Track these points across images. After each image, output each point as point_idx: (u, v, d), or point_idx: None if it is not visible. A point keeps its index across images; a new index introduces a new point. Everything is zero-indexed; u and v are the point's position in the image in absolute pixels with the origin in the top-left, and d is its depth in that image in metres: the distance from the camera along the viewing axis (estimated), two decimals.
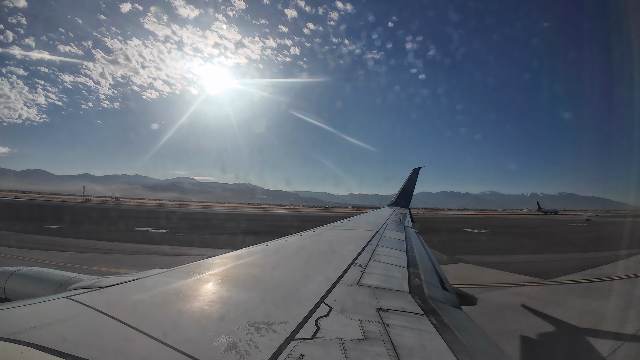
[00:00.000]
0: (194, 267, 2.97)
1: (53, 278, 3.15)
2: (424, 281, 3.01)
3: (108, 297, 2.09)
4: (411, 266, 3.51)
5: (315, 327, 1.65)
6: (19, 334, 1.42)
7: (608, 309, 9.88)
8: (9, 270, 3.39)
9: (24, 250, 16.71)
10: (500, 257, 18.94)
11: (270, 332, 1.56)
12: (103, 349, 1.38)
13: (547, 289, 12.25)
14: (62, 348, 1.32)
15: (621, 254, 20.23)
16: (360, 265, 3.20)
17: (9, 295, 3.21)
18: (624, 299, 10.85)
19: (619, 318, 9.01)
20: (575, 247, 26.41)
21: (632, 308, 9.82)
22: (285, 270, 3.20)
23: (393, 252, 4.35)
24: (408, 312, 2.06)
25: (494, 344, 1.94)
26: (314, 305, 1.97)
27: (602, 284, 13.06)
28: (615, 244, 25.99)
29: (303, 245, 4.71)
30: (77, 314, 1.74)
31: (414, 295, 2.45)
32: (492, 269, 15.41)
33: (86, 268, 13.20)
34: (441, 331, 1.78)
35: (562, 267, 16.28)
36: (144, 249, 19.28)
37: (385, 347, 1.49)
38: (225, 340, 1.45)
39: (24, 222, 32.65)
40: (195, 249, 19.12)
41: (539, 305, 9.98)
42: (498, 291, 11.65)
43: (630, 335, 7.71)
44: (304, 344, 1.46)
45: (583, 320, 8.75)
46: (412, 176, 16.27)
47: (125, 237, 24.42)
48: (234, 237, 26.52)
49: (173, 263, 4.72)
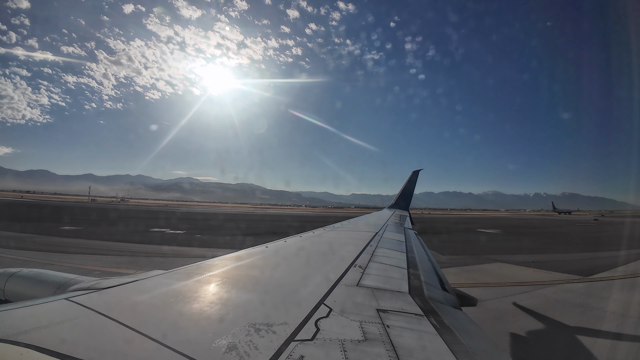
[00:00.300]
0: (193, 268, 2.97)
1: (52, 279, 3.15)
2: (424, 282, 3.01)
3: (108, 298, 2.09)
4: (411, 267, 3.52)
5: (315, 328, 1.65)
6: (18, 335, 1.42)
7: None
8: (8, 271, 3.38)
9: (51, 255, 15.65)
10: (528, 257, 18.49)
11: (270, 333, 1.56)
12: (103, 350, 1.38)
13: (592, 286, 12.43)
14: (61, 350, 1.32)
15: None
16: (360, 266, 3.20)
17: (8, 296, 3.21)
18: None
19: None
20: (597, 245, 26.35)
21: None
22: (285, 271, 3.19)
23: (393, 253, 4.35)
24: (408, 313, 2.06)
25: (494, 344, 1.94)
26: (314, 307, 1.98)
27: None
28: (633, 242, 26.05)
29: (303, 246, 4.70)
30: (77, 315, 1.74)
31: (413, 296, 2.46)
32: (531, 267, 15.33)
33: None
34: (441, 332, 1.78)
35: (596, 265, 16.26)
36: (176, 251, 18.73)
37: (385, 348, 1.49)
38: (225, 342, 1.45)
39: (37, 223, 31.87)
40: (223, 250, 18.68)
41: (595, 302, 10.24)
42: (550, 288, 11.87)
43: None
44: (303, 345, 1.46)
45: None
46: (412, 178, 16.30)
47: (147, 239, 23.85)
48: (258, 238, 25.60)
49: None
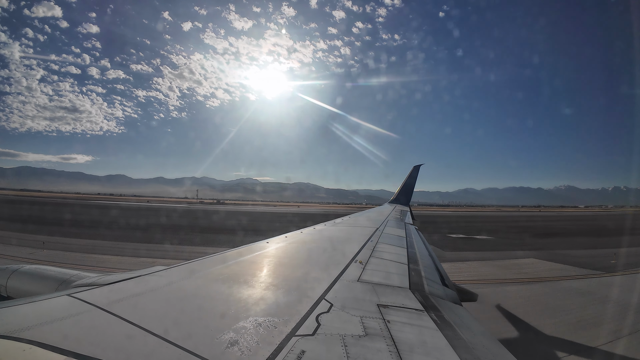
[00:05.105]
0: (195, 264, 2.98)
1: (54, 276, 3.16)
2: (424, 277, 3.02)
3: (110, 294, 2.10)
4: (411, 262, 3.53)
5: (316, 324, 1.66)
6: (21, 331, 1.43)
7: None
8: (10, 268, 3.40)
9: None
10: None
11: (271, 328, 1.57)
12: (105, 346, 1.39)
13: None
14: (64, 345, 1.32)
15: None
16: (360, 261, 3.21)
17: (10, 293, 3.22)
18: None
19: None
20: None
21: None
22: (285, 266, 3.21)
23: (393, 248, 4.36)
24: (408, 309, 2.07)
25: (494, 339, 1.95)
26: (315, 302, 1.99)
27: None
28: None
29: (304, 241, 4.72)
30: (79, 311, 1.75)
31: (414, 291, 2.47)
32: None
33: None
34: (441, 327, 1.79)
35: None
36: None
37: (386, 343, 1.50)
38: (227, 337, 1.46)
39: (207, 234, 28.12)
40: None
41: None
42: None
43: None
44: (305, 340, 1.46)
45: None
46: (413, 173, 16.28)
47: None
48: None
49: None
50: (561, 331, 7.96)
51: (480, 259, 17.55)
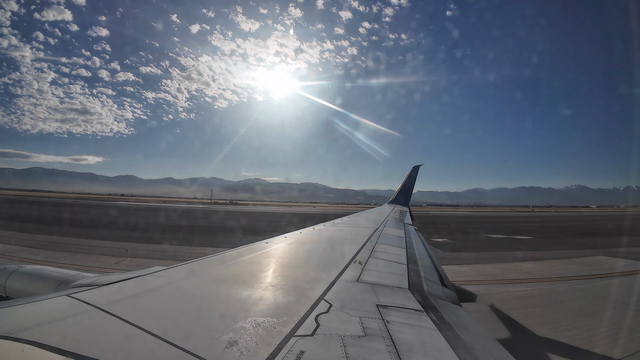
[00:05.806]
0: (194, 264, 2.98)
1: (53, 276, 3.15)
2: (424, 278, 3.03)
3: (109, 294, 2.09)
4: (410, 263, 3.53)
5: (316, 324, 1.66)
6: (19, 332, 1.43)
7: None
8: (9, 268, 3.39)
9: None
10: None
11: (270, 328, 1.57)
12: (104, 346, 1.39)
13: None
14: (63, 346, 1.32)
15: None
16: (359, 262, 3.21)
17: (9, 293, 3.22)
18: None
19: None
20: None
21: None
22: (285, 267, 3.21)
23: (392, 249, 4.36)
24: (408, 309, 2.07)
25: (493, 340, 1.95)
26: (314, 302, 1.99)
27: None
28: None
29: (303, 242, 4.72)
30: (78, 311, 1.75)
31: (413, 291, 2.47)
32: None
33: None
34: (440, 327, 1.79)
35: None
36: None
37: (385, 344, 1.50)
38: (226, 337, 1.46)
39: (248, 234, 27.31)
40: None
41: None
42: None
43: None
44: (304, 340, 1.46)
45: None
46: (412, 174, 16.28)
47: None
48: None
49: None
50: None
51: (550, 258, 17.16)
